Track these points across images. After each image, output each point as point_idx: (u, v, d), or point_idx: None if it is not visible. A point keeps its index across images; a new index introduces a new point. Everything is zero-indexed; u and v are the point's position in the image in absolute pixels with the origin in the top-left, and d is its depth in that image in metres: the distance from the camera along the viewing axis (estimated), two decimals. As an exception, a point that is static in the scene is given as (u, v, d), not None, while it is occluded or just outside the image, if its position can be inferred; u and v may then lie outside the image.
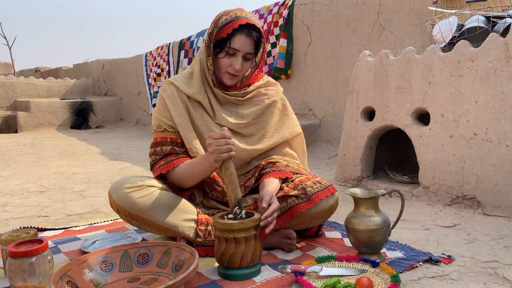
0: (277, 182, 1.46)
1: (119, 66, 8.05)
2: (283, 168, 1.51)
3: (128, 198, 1.37)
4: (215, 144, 1.28)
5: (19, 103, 7.31)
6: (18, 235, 1.35)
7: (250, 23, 1.44)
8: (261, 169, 1.54)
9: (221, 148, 1.27)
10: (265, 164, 1.54)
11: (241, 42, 1.43)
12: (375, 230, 1.32)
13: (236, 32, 1.43)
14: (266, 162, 1.54)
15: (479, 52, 1.87)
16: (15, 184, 2.87)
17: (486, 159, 1.83)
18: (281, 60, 4.12)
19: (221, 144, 1.27)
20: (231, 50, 1.44)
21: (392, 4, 3.17)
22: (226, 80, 1.50)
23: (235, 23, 1.42)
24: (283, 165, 1.53)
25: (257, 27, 1.46)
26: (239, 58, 1.45)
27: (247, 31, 1.43)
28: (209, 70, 1.50)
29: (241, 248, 1.23)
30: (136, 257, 1.30)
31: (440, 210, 1.92)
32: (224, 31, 1.43)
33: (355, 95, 2.47)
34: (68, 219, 2.04)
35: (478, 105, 1.87)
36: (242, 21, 1.42)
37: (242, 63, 1.47)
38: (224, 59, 1.46)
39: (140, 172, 3.22)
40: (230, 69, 1.47)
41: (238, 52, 1.45)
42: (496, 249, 1.44)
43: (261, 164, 1.55)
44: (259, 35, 1.47)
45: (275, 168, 1.51)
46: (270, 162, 1.54)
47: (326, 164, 3.20)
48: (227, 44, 1.44)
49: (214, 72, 1.50)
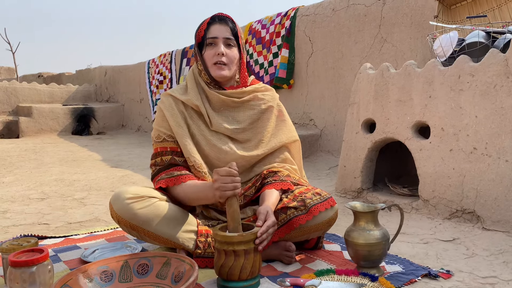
0: (276, 195, 1.47)
1: (121, 72, 8.09)
2: (284, 178, 1.52)
3: (129, 209, 1.38)
4: (221, 181, 1.29)
5: (21, 108, 7.34)
6: (19, 243, 1.36)
7: (221, 13, 1.55)
8: (262, 178, 1.55)
9: (227, 186, 1.29)
10: (267, 174, 1.55)
11: (216, 29, 1.52)
12: (374, 244, 1.33)
13: (210, 24, 1.53)
14: (268, 171, 1.55)
15: (479, 67, 1.89)
16: (16, 191, 2.88)
17: (486, 173, 1.84)
18: (283, 70, 4.14)
19: (226, 181, 1.29)
20: (210, 40, 1.52)
21: (394, 17, 3.20)
22: (216, 71, 1.52)
23: (208, 18, 1.55)
24: (284, 174, 1.54)
25: (229, 17, 1.55)
26: (219, 44, 1.52)
27: (218, 20, 1.54)
28: (201, 72, 1.56)
29: (240, 261, 1.24)
30: (136, 268, 1.30)
31: (440, 223, 1.93)
32: (201, 30, 1.54)
33: (356, 107, 2.48)
34: (68, 227, 2.05)
35: (478, 120, 1.88)
36: (213, 15, 1.55)
37: (225, 50, 1.52)
38: (207, 52, 1.53)
39: (141, 179, 3.23)
40: (215, 58, 1.52)
41: (217, 39, 1.52)
42: (495, 265, 1.45)
43: (262, 173, 1.56)
44: (233, 24, 1.55)
45: (276, 178, 1.52)
46: (272, 171, 1.55)
47: (326, 175, 3.21)
48: (206, 37, 1.53)
49: (205, 70, 1.55)
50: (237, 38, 1.55)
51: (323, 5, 3.90)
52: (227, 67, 1.52)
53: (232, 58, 1.53)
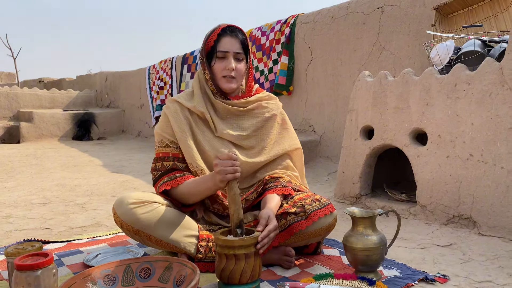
0: (277, 199, 1.50)
1: (122, 78, 8.14)
2: (286, 184, 1.55)
3: (132, 213, 1.41)
4: (222, 165, 1.33)
5: (22, 113, 7.38)
6: (24, 248, 1.38)
7: (232, 25, 1.55)
8: (264, 184, 1.58)
9: (227, 169, 1.32)
10: (268, 179, 1.58)
11: (227, 42, 1.53)
12: (372, 248, 1.35)
13: (220, 36, 1.54)
14: (270, 177, 1.59)
15: (475, 75, 1.93)
16: (18, 196, 2.90)
17: (482, 180, 1.87)
18: (283, 77, 4.19)
19: (227, 165, 1.33)
20: (220, 53, 1.53)
21: (392, 25, 3.25)
22: (225, 84, 1.56)
23: (218, 29, 1.54)
24: (285, 180, 1.57)
25: (240, 29, 1.56)
26: (230, 58, 1.54)
27: (230, 32, 1.54)
28: (208, 81, 1.58)
29: (241, 265, 1.26)
30: (138, 272, 1.33)
31: (437, 229, 1.96)
32: (210, 40, 1.54)
33: (354, 114, 2.52)
34: (70, 232, 2.07)
35: (474, 127, 1.91)
36: (223, 25, 1.55)
37: (235, 64, 1.54)
38: (217, 65, 1.55)
39: (142, 185, 3.26)
40: (225, 72, 1.54)
41: (227, 53, 1.54)
42: (491, 269, 1.48)
43: (264, 178, 1.59)
44: (243, 36, 1.57)
45: (277, 183, 1.55)
46: (273, 177, 1.58)
47: (325, 181, 3.24)
48: (216, 49, 1.53)
49: (212, 81, 1.57)
50: (246, 50, 1.58)
51: (322, 13, 3.95)
52: (235, 80, 1.57)
53: (240, 72, 1.57)
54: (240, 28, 1.57)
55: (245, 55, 1.58)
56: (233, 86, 1.57)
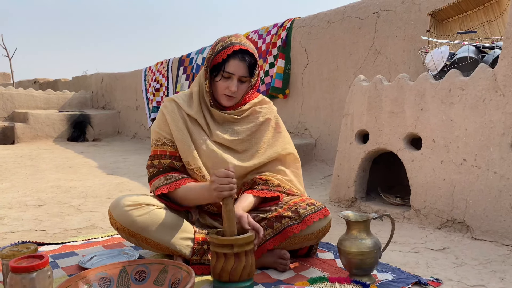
0: (250, 200, 1.51)
1: (118, 80, 8.13)
2: (274, 188, 1.57)
3: (128, 216, 1.41)
4: (218, 182, 1.35)
5: (17, 114, 7.34)
6: (19, 250, 1.38)
7: (243, 48, 1.53)
8: (252, 184, 1.59)
9: (224, 187, 1.34)
10: (257, 179, 1.59)
11: (235, 66, 1.53)
12: (366, 252, 1.37)
13: (230, 57, 1.52)
14: (259, 177, 1.60)
15: (469, 81, 1.95)
16: (12, 197, 2.89)
17: (475, 184, 1.89)
18: (279, 80, 4.20)
19: (224, 182, 1.34)
20: (226, 74, 1.54)
21: (388, 30, 3.27)
22: (224, 102, 1.59)
23: (229, 49, 1.52)
24: (274, 184, 1.58)
25: (250, 52, 1.55)
26: (234, 81, 1.54)
27: (240, 56, 1.53)
28: (207, 92, 1.59)
29: (235, 263, 1.30)
30: (133, 274, 1.33)
31: (431, 233, 1.97)
32: (219, 56, 1.53)
33: (349, 118, 2.54)
34: (65, 234, 2.07)
35: (468, 132, 1.93)
36: (235, 47, 1.52)
37: (238, 86, 1.56)
38: (220, 82, 1.55)
39: (137, 187, 3.26)
40: (227, 91, 1.56)
41: (233, 76, 1.54)
42: (483, 274, 1.49)
43: (254, 178, 1.61)
44: (253, 59, 1.56)
45: (265, 187, 1.56)
46: (263, 179, 1.59)
47: (320, 184, 3.25)
48: (222, 68, 1.53)
49: (211, 94, 1.59)
50: (252, 69, 1.57)
51: (318, 17, 3.97)
52: (235, 99, 1.60)
53: (241, 92, 1.59)
54: (250, 51, 1.55)
55: (251, 74, 1.58)
56: (231, 104, 1.61)
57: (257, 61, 1.59)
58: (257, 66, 1.60)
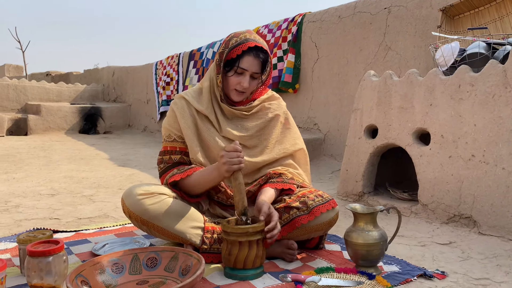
0: (272, 193, 1.55)
1: (129, 73, 8.20)
2: (288, 181, 1.60)
3: (140, 204, 1.45)
4: (228, 156, 1.39)
5: (30, 106, 7.45)
6: (35, 235, 1.43)
7: (258, 45, 1.56)
8: (267, 178, 1.62)
9: (233, 160, 1.39)
10: (272, 174, 1.62)
11: (249, 62, 1.55)
12: (372, 244, 1.39)
13: (245, 53, 1.55)
14: (273, 172, 1.63)
15: (479, 77, 1.95)
16: (27, 186, 2.96)
17: (483, 180, 1.90)
18: (289, 75, 4.22)
19: (233, 156, 1.39)
20: (240, 70, 1.56)
21: (399, 25, 3.27)
22: (234, 97, 1.62)
23: (244, 45, 1.54)
24: (288, 177, 1.62)
25: (264, 49, 1.58)
26: (247, 77, 1.57)
27: (255, 53, 1.56)
28: (218, 87, 1.62)
29: (246, 251, 1.35)
30: (145, 261, 1.38)
31: (437, 227, 1.99)
32: (234, 52, 1.55)
33: (359, 113, 2.55)
34: (78, 222, 2.12)
35: (477, 128, 1.94)
36: (250, 43, 1.54)
37: (250, 82, 1.59)
38: (233, 78, 1.58)
39: (148, 178, 3.31)
40: (238, 87, 1.59)
41: (246, 72, 1.57)
42: (489, 267, 1.51)
43: (268, 173, 1.63)
44: (266, 56, 1.59)
45: (279, 179, 1.59)
46: (277, 173, 1.63)
47: (328, 179, 3.27)
48: (236, 64, 1.56)
49: (222, 89, 1.62)
50: (264, 66, 1.60)
51: (329, 12, 3.97)
52: (245, 95, 1.63)
53: (252, 88, 1.63)
54: (264, 48, 1.58)
55: (263, 71, 1.61)
56: (242, 99, 1.64)
57: (269, 59, 1.62)
58: (268, 63, 1.63)
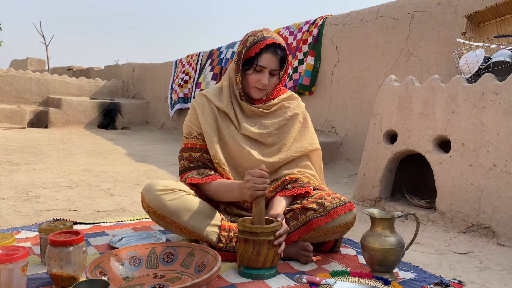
0: (284, 204, 1.56)
1: (149, 70, 8.29)
2: (304, 185, 1.60)
3: (159, 200, 1.47)
4: (253, 182, 1.39)
5: (51, 99, 7.59)
6: (56, 225, 1.47)
7: (276, 42, 1.58)
8: (285, 184, 1.63)
9: (258, 186, 1.39)
10: (288, 180, 1.63)
11: (267, 59, 1.57)
12: (389, 249, 1.38)
13: (263, 51, 1.57)
14: (289, 177, 1.63)
15: (503, 85, 1.92)
16: (47, 178, 3.02)
17: (504, 190, 1.87)
18: (307, 78, 4.21)
19: (258, 182, 1.39)
20: (259, 67, 1.58)
21: (422, 31, 3.23)
22: (254, 94, 1.63)
23: (262, 43, 1.56)
24: (304, 182, 1.62)
25: (282, 46, 1.60)
26: (266, 74, 1.58)
27: (273, 50, 1.57)
28: (237, 85, 1.64)
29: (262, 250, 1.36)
30: (162, 256, 1.39)
31: (455, 236, 1.96)
32: (252, 50, 1.57)
33: (378, 118, 2.53)
34: (96, 215, 2.16)
35: (499, 137, 1.91)
36: (268, 41, 1.56)
37: (269, 79, 1.60)
38: (252, 75, 1.59)
39: (165, 175, 3.34)
40: (258, 84, 1.60)
41: (265, 69, 1.58)
42: (507, 279, 1.48)
43: (284, 179, 1.64)
44: (283, 52, 1.61)
45: (295, 185, 1.60)
46: (293, 178, 1.63)
47: (345, 183, 3.25)
48: (255, 62, 1.58)
49: (242, 87, 1.64)
50: (282, 63, 1.62)
51: (351, 16, 3.96)
52: (264, 92, 1.65)
53: (271, 85, 1.64)
54: (282, 45, 1.60)
55: (281, 67, 1.63)
56: (262, 96, 1.66)
57: (287, 55, 1.63)
58: (286, 59, 1.64)
